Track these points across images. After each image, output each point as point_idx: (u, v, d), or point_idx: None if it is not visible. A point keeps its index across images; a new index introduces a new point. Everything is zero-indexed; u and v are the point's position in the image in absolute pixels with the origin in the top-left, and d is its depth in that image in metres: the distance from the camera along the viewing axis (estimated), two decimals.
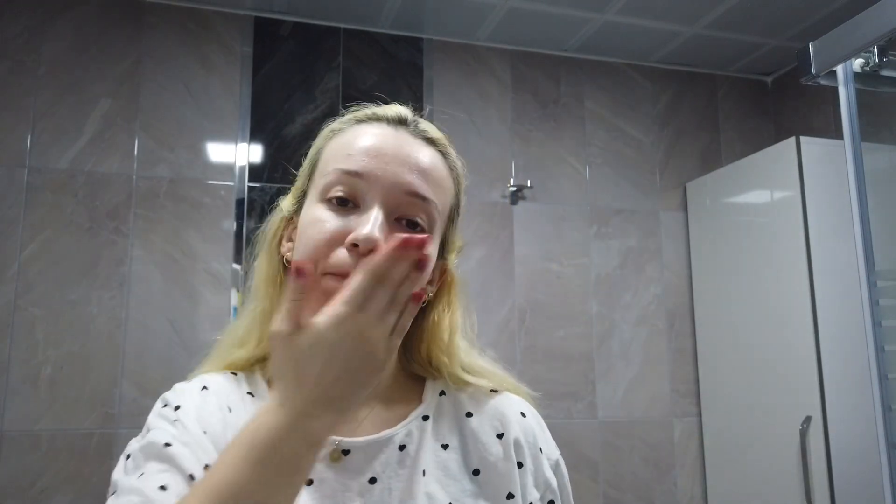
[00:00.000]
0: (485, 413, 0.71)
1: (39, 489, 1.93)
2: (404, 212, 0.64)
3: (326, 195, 0.64)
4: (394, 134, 0.67)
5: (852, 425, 1.98)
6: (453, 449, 0.68)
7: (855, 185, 1.35)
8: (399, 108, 0.70)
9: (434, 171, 0.67)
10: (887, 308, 1.33)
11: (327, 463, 0.64)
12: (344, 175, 0.64)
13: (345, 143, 0.67)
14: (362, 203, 0.63)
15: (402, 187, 0.63)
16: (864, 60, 1.38)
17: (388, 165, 0.64)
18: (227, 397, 0.68)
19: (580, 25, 2.45)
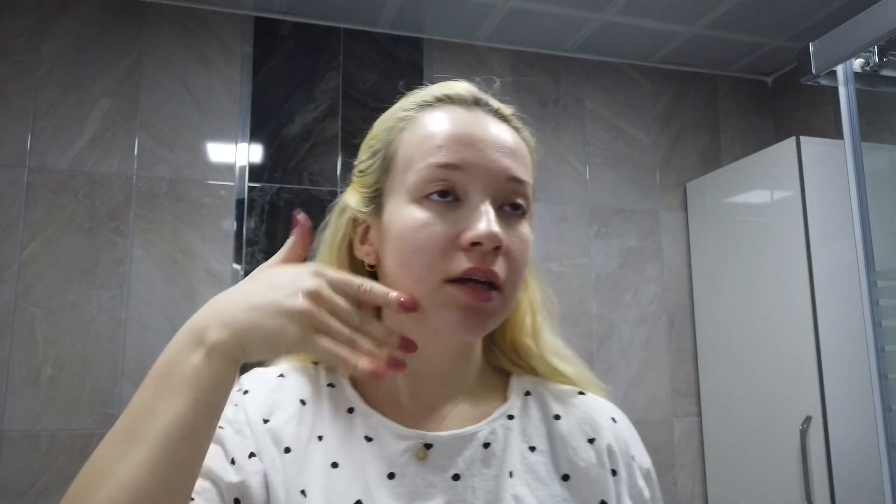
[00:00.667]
0: (574, 416, 0.67)
1: (39, 489, 1.93)
2: (506, 198, 0.61)
3: (422, 193, 0.60)
4: (474, 117, 0.63)
5: (852, 425, 1.98)
6: (541, 452, 0.64)
7: (855, 185, 1.35)
8: (467, 86, 0.66)
9: (520, 150, 0.63)
10: (887, 308, 1.33)
11: (410, 459, 0.61)
12: (441, 169, 0.59)
13: (425, 132, 0.62)
14: (464, 197, 0.59)
15: (502, 174, 0.60)
16: (864, 60, 1.38)
17: (484, 153, 0.60)
18: (303, 388, 0.66)
19: (580, 25, 2.45)
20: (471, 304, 0.57)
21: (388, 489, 0.59)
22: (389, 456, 0.61)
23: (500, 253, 0.58)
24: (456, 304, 0.58)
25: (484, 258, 0.57)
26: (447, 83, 0.67)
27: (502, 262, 0.59)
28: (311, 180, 2.30)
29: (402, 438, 0.62)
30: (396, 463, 0.61)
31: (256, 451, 0.60)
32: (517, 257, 0.60)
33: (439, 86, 0.66)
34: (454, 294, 0.57)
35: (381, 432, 0.63)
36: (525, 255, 0.61)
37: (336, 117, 2.36)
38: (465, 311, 0.58)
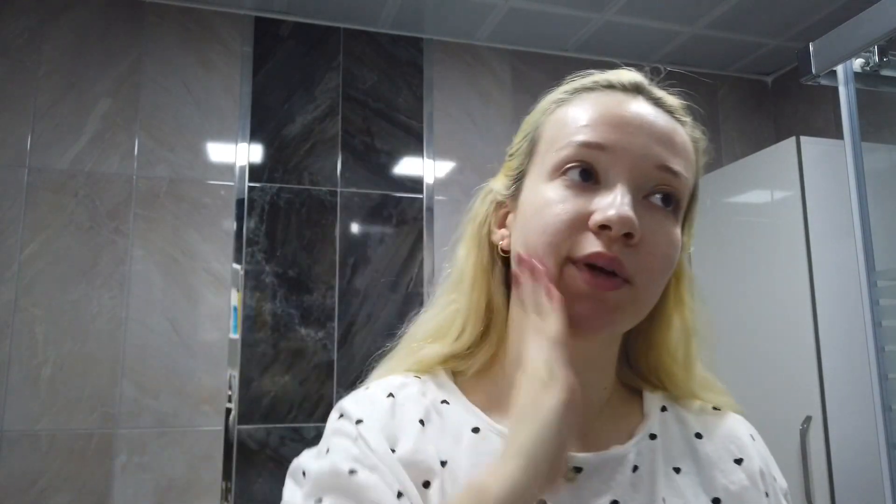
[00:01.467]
0: (716, 435, 0.62)
1: (39, 489, 1.93)
2: (653, 188, 0.55)
3: (560, 171, 0.55)
4: (633, 102, 0.57)
5: (852, 425, 1.98)
6: (686, 474, 0.58)
7: (855, 185, 1.35)
8: (632, 73, 0.61)
9: (680, 143, 0.58)
10: (887, 308, 1.33)
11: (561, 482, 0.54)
12: (583, 148, 0.54)
13: (576, 113, 0.57)
14: (604, 179, 0.54)
15: (651, 160, 0.54)
16: (864, 60, 1.38)
17: (633, 136, 0.55)
18: (417, 407, 0.58)
19: (580, 25, 2.45)
20: (591, 293, 0.52)
21: None
22: None
23: (633, 243, 0.52)
24: (577, 289, 0.52)
25: (611, 244, 0.52)
26: (613, 70, 0.62)
27: (635, 255, 0.52)
28: (311, 180, 2.30)
29: None
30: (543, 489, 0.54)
31: (403, 490, 0.51)
32: (657, 254, 0.54)
33: (602, 72, 0.62)
34: (576, 277, 0.52)
35: None
36: (668, 256, 0.55)
37: (336, 117, 2.36)
38: (587, 300, 0.52)
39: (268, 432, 2.13)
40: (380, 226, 2.34)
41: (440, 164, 2.45)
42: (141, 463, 2.02)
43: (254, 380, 2.15)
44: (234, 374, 2.13)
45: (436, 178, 2.43)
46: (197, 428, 2.08)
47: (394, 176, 2.39)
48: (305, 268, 2.24)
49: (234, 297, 2.17)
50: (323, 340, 2.22)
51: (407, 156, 2.42)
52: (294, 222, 2.26)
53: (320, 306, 2.24)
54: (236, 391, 2.13)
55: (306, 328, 2.22)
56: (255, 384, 2.15)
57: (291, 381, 2.18)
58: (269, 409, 2.14)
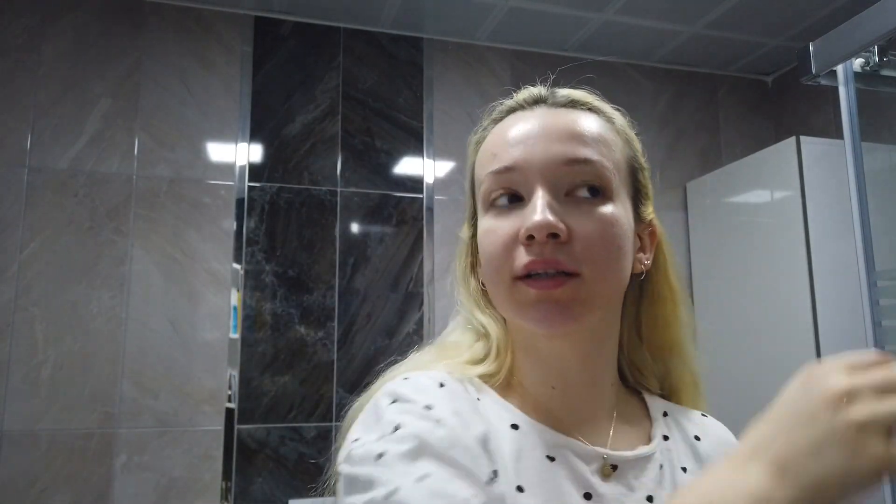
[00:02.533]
0: (711, 437, 0.67)
1: (39, 489, 1.93)
2: (570, 184, 0.58)
3: (489, 203, 0.60)
4: (532, 115, 0.62)
5: None
6: (691, 472, 0.63)
7: (855, 185, 1.35)
8: (532, 89, 0.65)
9: (588, 130, 0.60)
10: (887, 308, 1.33)
11: (598, 478, 0.58)
12: (496, 176, 0.59)
13: (488, 147, 0.63)
14: (526, 195, 0.58)
15: (557, 159, 0.58)
16: (864, 60, 1.38)
17: (534, 146, 0.59)
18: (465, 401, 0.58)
19: (580, 25, 2.45)
20: (539, 296, 0.55)
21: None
22: (579, 476, 0.57)
23: (563, 240, 0.55)
24: (528, 300, 0.56)
25: (542, 249, 0.55)
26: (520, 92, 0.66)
27: (570, 250, 0.55)
28: (311, 180, 2.30)
29: (583, 457, 0.59)
30: (589, 483, 0.57)
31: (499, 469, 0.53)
32: (594, 241, 0.56)
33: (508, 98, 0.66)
34: (524, 290, 0.56)
35: (562, 452, 0.58)
36: (608, 237, 0.57)
37: (336, 117, 2.36)
38: (539, 305, 0.56)
39: (268, 432, 2.13)
40: (380, 226, 2.34)
41: (440, 164, 2.45)
42: (141, 463, 2.02)
43: (254, 380, 2.15)
44: (234, 373, 2.13)
45: (436, 178, 2.43)
46: (197, 428, 2.08)
47: (394, 176, 2.39)
48: (305, 267, 2.24)
49: (234, 297, 2.17)
50: (323, 340, 2.22)
51: (407, 156, 2.42)
52: (294, 222, 2.26)
53: (320, 306, 2.24)
54: (236, 391, 2.13)
55: (306, 328, 2.22)
56: (255, 384, 2.15)
57: (291, 381, 2.18)
58: (269, 408, 2.14)
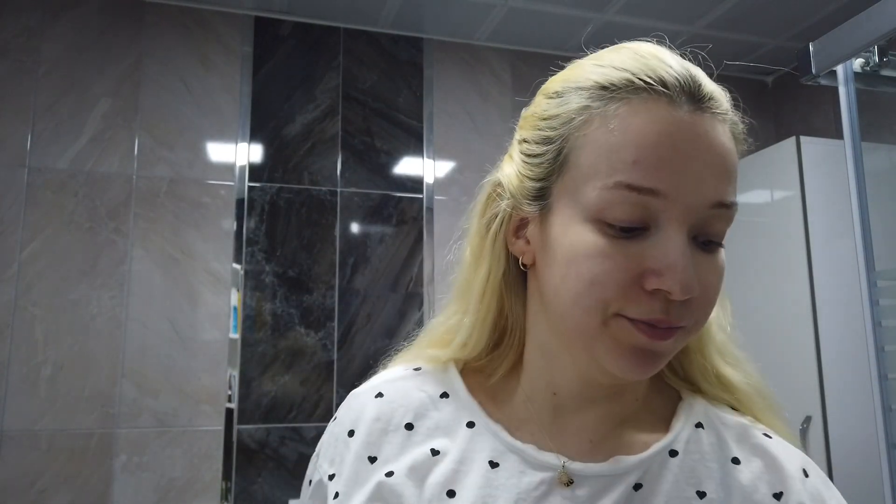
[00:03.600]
0: (757, 463, 0.55)
1: (39, 489, 1.93)
2: (704, 227, 0.49)
3: (603, 216, 0.48)
4: (683, 119, 0.48)
5: (852, 425, 1.98)
6: (712, 500, 0.52)
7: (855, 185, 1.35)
8: (677, 66, 0.51)
9: (734, 161, 0.51)
10: (887, 308, 1.33)
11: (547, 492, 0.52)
12: (630, 193, 0.47)
13: (617, 138, 0.48)
14: (654, 225, 0.48)
15: (708, 200, 0.48)
16: (864, 60, 1.38)
17: (689, 174, 0.47)
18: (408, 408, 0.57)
19: (580, 25, 2.45)
20: (644, 344, 0.48)
21: None
22: (520, 488, 0.52)
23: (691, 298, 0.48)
24: (629, 342, 0.49)
25: (669, 307, 0.48)
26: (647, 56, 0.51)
27: (691, 307, 0.49)
28: (311, 180, 2.30)
29: (537, 468, 0.53)
30: (528, 497, 0.52)
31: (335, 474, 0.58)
32: (710, 297, 0.50)
33: (638, 61, 0.51)
34: (628, 330, 0.48)
35: (509, 458, 0.54)
36: (718, 290, 0.51)
37: (336, 117, 2.36)
38: (636, 351, 0.49)
39: (268, 432, 2.13)
40: (380, 226, 2.34)
41: (440, 164, 2.45)
42: (141, 463, 2.02)
43: (254, 380, 2.15)
44: (234, 373, 2.13)
45: (436, 178, 2.43)
46: (197, 428, 2.08)
47: (394, 176, 2.39)
48: (305, 268, 2.24)
49: (234, 297, 2.17)
50: (323, 340, 2.22)
51: (407, 156, 2.42)
52: (294, 222, 2.26)
53: (320, 306, 2.24)
54: (236, 391, 2.13)
55: (306, 328, 2.22)
56: (255, 384, 2.15)
57: (291, 381, 2.18)
58: (269, 409, 2.14)
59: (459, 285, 0.61)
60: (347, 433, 0.58)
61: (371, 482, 0.54)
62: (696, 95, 0.50)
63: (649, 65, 0.51)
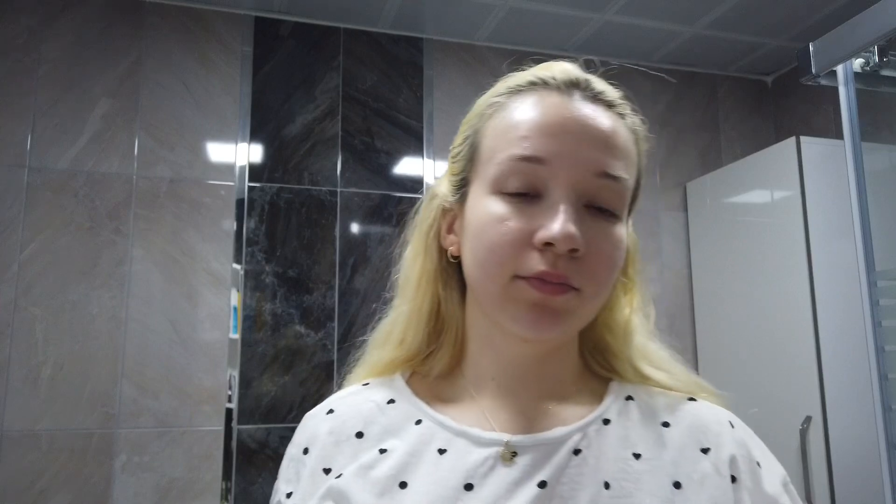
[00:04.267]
0: (684, 422, 0.60)
1: (39, 489, 1.93)
2: (593, 196, 0.55)
3: (501, 187, 0.55)
4: (568, 102, 0.57)
5: (852, 425, 1.98)
6: (648, 460, 0.57)
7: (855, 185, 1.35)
8: (566, 66, 0.60)
9: (621, 142, 0.57)
10: (887, 308, 1.33)
11: (493, 466, 0.56)
12: (520, 162, 0.55)
13: (511, 120, 0.57)
14: (545, 192, 0.55)
15: (590, 168, 0.54)
16: (864, 60, 1.38)
17: (570, 144, 0.54)
18: (358, 418, 0.62)
19: (580, 25, 2.45)
20: (541, 300, 0.53)
21: (465, 501, 0.54)
22: (467, 466, 0.56)
23: (578, 255, 0.53)
24: (526, 300, 0.54)
25: (557, 261, 0.53)
26: (546, 64, 0.61)
27: (580, 266, 0.54)
28: (311, 180, 2.30)
29: (482, 445, 0.57)
30: (475, 472, 0.55)
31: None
32: (602, 261, 0.55)
33: (537, 68, 0.61)
34: (524, 289, 0.54)
35: (456, 442, 0.58)
36: (613, 259, 0.56)
37: (336, 117, 2.36)
38: (535, 308, 0.54)
39: (268, 432, 2.13)
40: (380, 226, 2.34)
41: (440, 164, 2.45)
42: (141, 463, 2.02)
43: (254, 380, 2.15)
44: (234, 374, 2.13)
45: (436, 178, 2.43)
46: (197, 428, 2.08)
47: (394, 176, 2.39)
48: (305, 268, 2.24)
49: (234, 297, 2.17)
50: (323, 340, 2.22)
51: (407, 156, 2.42)
52: (294, 222, 2.26)
53: (320, 306, 2.24)
54: (236, 391, 2.13)
55: (306, 328, 2.22)
56: (255, 384, 2.15)
57: (291, 381, 2.18)
58: (269, 409, 2.14)
59: (400, 283, 0.67)
60: (303, 451, 0.63)
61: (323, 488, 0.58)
62: (586, 89, 0.58)
63: (547, 67, 0.61)
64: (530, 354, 0.61)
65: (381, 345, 0.68)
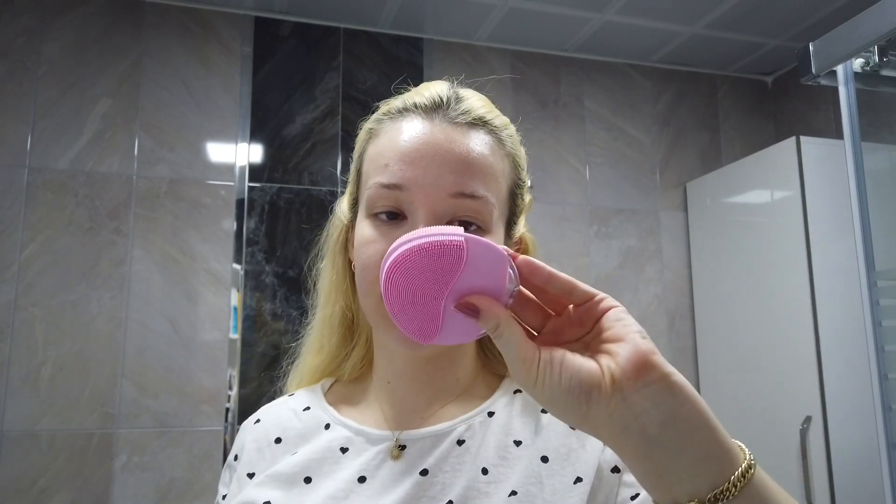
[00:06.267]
0: None
1: (39, 489, 1.93)
2: (454, 215, 0.59)
3: (371, 210, 0.61)
4: (429, 127, 0.61)
5: (852, 425, 1.98)
6: (526, 445, 0.63)
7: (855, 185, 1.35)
8: (433, 88, 0.64)
9: (480, 160, 0.61)
10: (887, 308, 1.33)
11: (384, 459, 0.63)
12: (383, 189, 0.60)
13: (381, 148, 0.63)
14: (409, 214, 0.60)
15: (445, 190, 0.59)
16: (864, 60, 1.38)
17: (426, 170, 0.59)
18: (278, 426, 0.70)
19: (580, 25, 2.45)
20: None
21: (358, 492, 0.61)
22: (363, 461, 0.63)
23: None
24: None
25: None
26: (419, 88, 0.66)
27: None
28: (311, 180, 2.30)
29: (376, 442, 0.64)
30: (369, 466, 0.62)
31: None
32: None
33: (410, 92, 0.66)
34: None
35: (356, 441, 0.65)
36: None
37: (336, 117, 2.36)
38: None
39: None
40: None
41: None
42: (141, 463, 2.02)
43: (254, 380, 2.15)
44: (234, 374, 2.13)
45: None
46: (197, 428, 2.08)
47: None
48: (305, 268, 2.24)
49: (234, 297, 2.17)
50: None
51: None
52: (294, 222, 2.26)
53: None
54: (236, 391, 2.13)
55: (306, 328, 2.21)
56: (255, 384, 2.15)
57: None
58: None
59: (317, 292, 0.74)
60: (234, 458, 0.70)
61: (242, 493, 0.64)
62: (449, 112, 0.62)
63: (417, 91, 0.65)
64: (419, 359, 0.65)
65: (307, 351, 0.76)
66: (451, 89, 0.64)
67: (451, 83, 0.66)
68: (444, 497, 0.59)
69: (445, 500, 0.59)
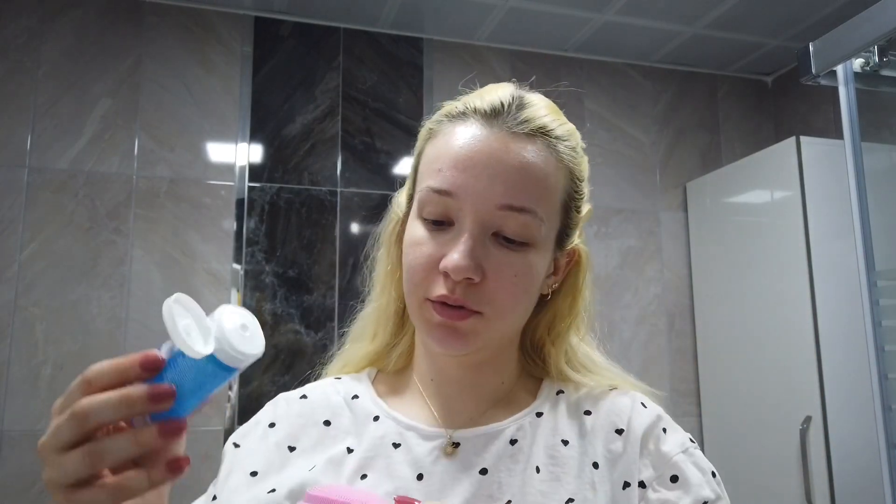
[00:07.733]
0: (602, 409, 0.66)
1: (39, 489, 1.93)
2: (500, 227, 0.59)
3: (422, 213, 0.62)
4: (485, 134, 0.60)
5: (852, 425, 1.98)
6: (573, 446, 0.63)
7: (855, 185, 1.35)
8: (496, 93, 0.63)
9: (534, 172, 0.60)
10: (887, 308, 1.33)
11: (439, 456, 0.62)
12: (434, 194, 0.60)
13: (437, 151, 0.62)
14: (456, 221, 0.60)
15: (494, 201, 0.58)
16: (864, 60, 1.38)
17: (477, 179, 0.58)
18: (327, 408, 0.69)
19: (580, 25, 2.45)
20: (443, 322, 0.59)
21: (418, 490, 0.60)
22: (417, 458, 0.62)
23: (476, 283, 0.58)
24: (431, 320, 0.60)
25: (455, 287, 0.58)
26: (483, 90, 0.65)
27: (479, 292, 0.59)
28: (311, 180, 2.30)
29: (428, 439, 0.64)
30: (424, 463, 0.62)
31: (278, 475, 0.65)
32: (502, 287, 0.59)
33: (473, 94, 0.65)
34: (430, 310, 0.60)
35: (407, 436, 0.64)
36: (520, 285, 0.60)
37: (336, 117, 2.36)
38: (440, 328, 0.60)
39: None
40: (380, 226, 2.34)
41: None
42: None
43: (254, 380, 2.15)
44: None
45: None
46: (197, 428, 2.08)
47: (394, 176, 2.39)
48: (305, 268, 2.24)
49: (234, 297, 2.17)
50: (323, 340, 2.22)
51: (407, 156, 2.42)
52: (294, 222, 2.26)
53: (320, 306, 2.24)
54: (236, 391, 2.13)
55: (306, 328, 2.22)
56: (255, 384, 2.15)
57: (291, 381, 2.18)
58: None
59: (373, 281, 0.75)
60: (268, 424, 0.69)
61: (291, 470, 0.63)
62: (508, 120, 0.61)
63: (479, 94, 0.64)
64: (462, 365, 0.66)
65: (357, 339, 0.75)
66: (515, 94, 0.63)
67: (516, 87, 0.65)
68: (502, 496, 0.59)
69: (504, 500, 0.59)
